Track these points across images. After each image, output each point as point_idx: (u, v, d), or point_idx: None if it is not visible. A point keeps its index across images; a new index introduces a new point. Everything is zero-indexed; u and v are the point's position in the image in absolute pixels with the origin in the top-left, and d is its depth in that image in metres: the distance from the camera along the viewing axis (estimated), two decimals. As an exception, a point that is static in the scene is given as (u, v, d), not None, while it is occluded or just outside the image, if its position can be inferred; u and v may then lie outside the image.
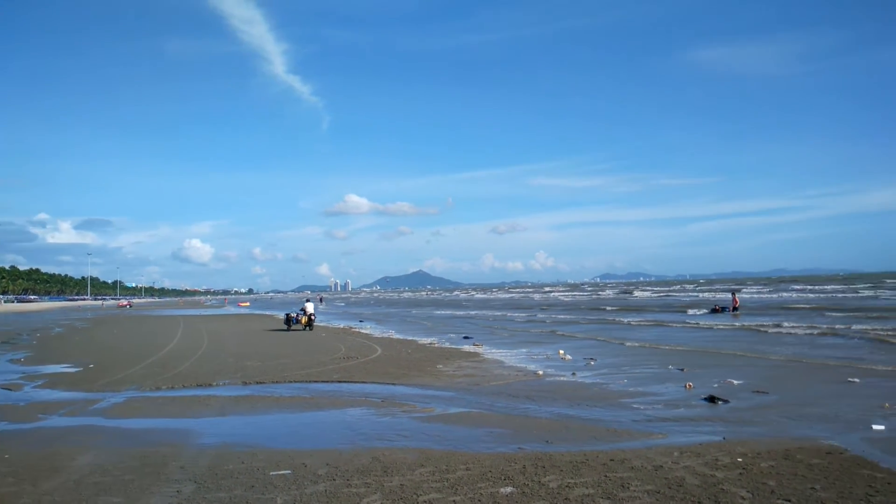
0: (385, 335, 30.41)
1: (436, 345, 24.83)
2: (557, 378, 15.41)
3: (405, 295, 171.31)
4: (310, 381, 15.25)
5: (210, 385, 14.93)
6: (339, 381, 15.18)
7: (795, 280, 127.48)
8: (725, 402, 11.66)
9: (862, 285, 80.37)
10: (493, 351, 21.95)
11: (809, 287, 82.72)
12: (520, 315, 47.23)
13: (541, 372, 16.27)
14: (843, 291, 65.75)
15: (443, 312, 57.90)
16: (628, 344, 23.04)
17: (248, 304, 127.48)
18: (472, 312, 55.09)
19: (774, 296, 64.39)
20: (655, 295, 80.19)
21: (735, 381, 13.87)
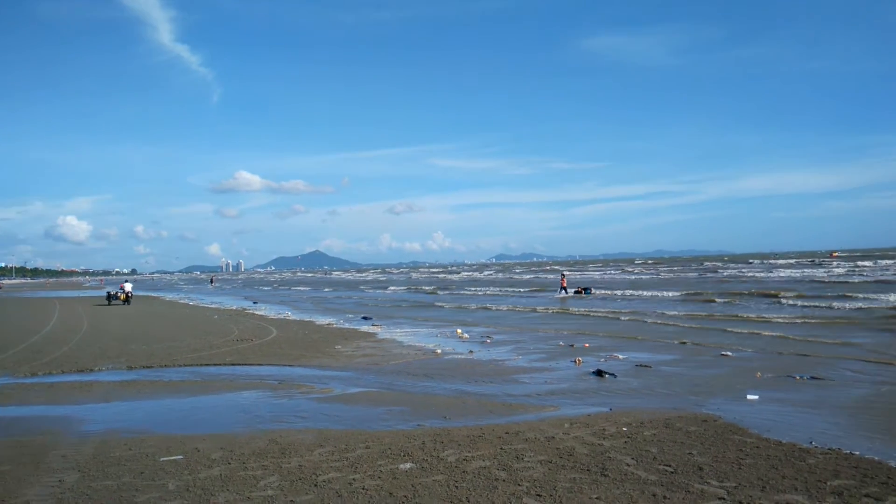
0: (281, 316, 29.80)
1: (334, 325, 24.62)
2: (455, 356, 15.70)
3: (301, 275, 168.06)
4: (201, 365, 14.72)
5: (92, 370, 14.12)
6: (233, 364, 14.76)
7: (663, 261, 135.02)
8: (612, 375, 12.29)
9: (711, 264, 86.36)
10: (394, 330, 22.03)
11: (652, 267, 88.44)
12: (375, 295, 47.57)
13: (439, 350, 16.51)
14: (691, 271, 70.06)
15: (341, 293, 57.39)
16: (511, 325, 23.76)
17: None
18: (370, 292, 54.95)
19: (622, 277, 67.94)
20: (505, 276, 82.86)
21: (621, 356, 14.65)
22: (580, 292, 40.67)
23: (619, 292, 39.58)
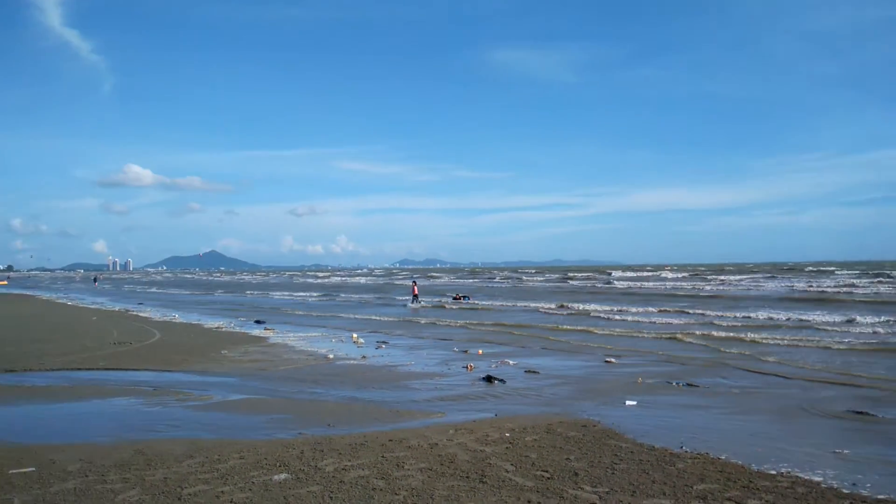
0: (166, 318, 28.37)
1: (223, 329, 23.69)
2: (348, 361, 15.42)
3: (195, 276, 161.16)
4: (72, 369, 13.72)
5: (-57, 375, 12.85)
6: (107, 369, 13.84)
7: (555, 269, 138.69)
8: (502, 381, 12.41)
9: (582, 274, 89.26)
10: (288, 335, 21.43)
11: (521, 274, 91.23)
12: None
13: (332, 356, 16.18)
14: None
15: (233, 295, 55.47)
16: (407, 331, 23.72)
17: (5, 283, 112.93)
18: (269, 294, 53.43)
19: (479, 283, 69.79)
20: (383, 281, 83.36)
21: (511, 362, 14.86)
22: (459, 299, 40.70)
23: (497, 303, 37.78)
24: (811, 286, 45.51)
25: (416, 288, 39.70)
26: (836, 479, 6.36)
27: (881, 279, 52.36)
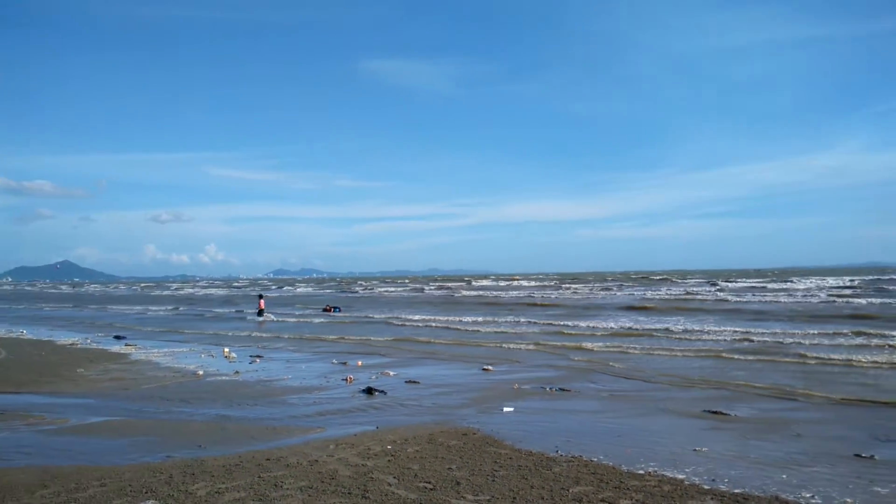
0: (13, 335, 25.87)
1: (79, 345, 21.92)
2: (219, 377, 14.74)
3: (35, 288, 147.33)
4: None
5: None
6: (-59, 393, 12.38)
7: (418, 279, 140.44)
8: (383, 393, 12.33)
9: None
10: (151, 351, 20.15)
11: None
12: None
13: (201, 372, 15.39)
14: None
15: (77, 310, 51.53)
16: (287, 344, 23.14)
17: None
18: (134, 307, 50.07)
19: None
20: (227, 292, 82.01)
21: (392, 373, 14.81)
22: (329, 310, 40.21)
23: (363, 314, 36.73)
24: (658, 294, 48.99)
25: (262, 302, 38.69)
26: (697, 475, 6.84)
27: (718, 288, 57.46)
